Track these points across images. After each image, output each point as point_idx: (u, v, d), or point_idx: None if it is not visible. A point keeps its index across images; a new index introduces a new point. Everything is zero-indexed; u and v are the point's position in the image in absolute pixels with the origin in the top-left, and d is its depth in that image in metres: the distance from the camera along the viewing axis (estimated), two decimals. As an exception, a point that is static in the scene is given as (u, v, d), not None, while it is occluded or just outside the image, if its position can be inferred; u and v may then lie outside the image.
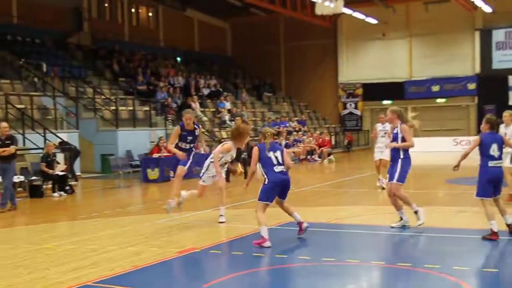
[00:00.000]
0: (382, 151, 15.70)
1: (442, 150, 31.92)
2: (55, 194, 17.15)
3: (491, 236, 9.13)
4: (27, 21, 28.12)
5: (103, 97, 26.16)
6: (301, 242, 9.62)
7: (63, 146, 20.33)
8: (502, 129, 13.05)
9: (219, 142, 27.46)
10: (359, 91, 40.48)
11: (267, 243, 8.87)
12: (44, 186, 17.52)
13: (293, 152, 29.22)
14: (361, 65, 40.32)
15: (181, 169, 11.89)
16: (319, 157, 30.37)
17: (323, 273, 7.69)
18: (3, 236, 11.16)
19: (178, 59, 37.73)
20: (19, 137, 20.12)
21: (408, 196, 10.30)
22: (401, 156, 10.16)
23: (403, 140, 10.16)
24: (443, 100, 38.31)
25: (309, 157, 30.66)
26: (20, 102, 22.24)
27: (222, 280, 7.37)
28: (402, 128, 10.17)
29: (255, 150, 9.33)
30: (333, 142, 34.85)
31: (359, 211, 12.83)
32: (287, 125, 33.19)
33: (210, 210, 13.02)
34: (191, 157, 12.14)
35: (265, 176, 9.19)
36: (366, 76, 39.87)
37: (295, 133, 31.68)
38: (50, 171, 17.34)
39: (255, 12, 37.40)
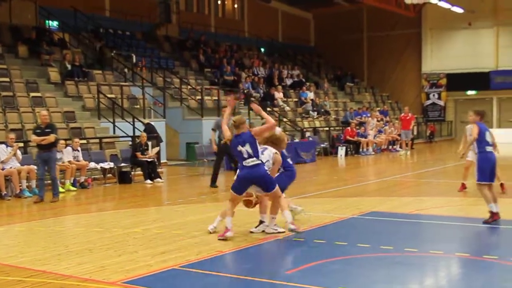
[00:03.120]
0: None
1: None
2: (148, 181, 17.92)
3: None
4: (118, 14, 29.25)
5: (189, 87, 26.99)
6: (383, 233, 9.68)
7: (149, 127, 20.97)
8: None
9: (301, 131, 27.94)
10: (443, 81, 39.88)
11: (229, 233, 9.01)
12: (132, 173, 18.39)
13: (375, 143, 29.31)
14: (446, 55, 39.68)
15: None
16: (401, 147, 30.00)
17: (406, 263, 7.67)
18: (94, 220, 11.62)
19: (262, 49, 38.27)
20: (110, 126, 21.21)
21: None
22: None
23: None
24: (530, 90, 37.36)
25: (390, 147, 30.65)
26: (111, 92, 23.23)
27: (304, 267, 7.44)
28: None
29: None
30: (415, 133, 34.50)
31: (442, 202, 12.86)
32: (369, 115, 33.21)
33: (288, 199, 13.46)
34: None
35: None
36: (450, 66, 39.21)
37: (377, 123, 31.67)
38: (144, 157, 18.17)
39: (338, 2, 37.43)
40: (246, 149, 9.00)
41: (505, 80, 37.67)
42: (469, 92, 39.29)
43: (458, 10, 36.72)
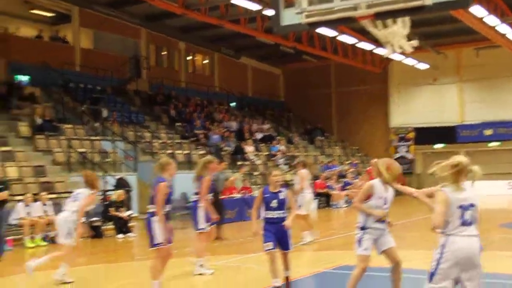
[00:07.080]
0: None
1: (495, 194, 31.55)
2: (120, 236, 17.78)
3: None
4: (89, 69, 29.38)
5: (160, 141, 27.05)
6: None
7: (122, 181, 20.99)
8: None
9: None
10: (411, 135, 40.53)
11: None
12: (103, 227, 18.23)
13: (347, 195, 29.47)
14: (413, 109, 40.41)
15: None
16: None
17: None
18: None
19: (232, 104, 38.61)
20: (80, 180, 21.01)
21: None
22: None
23: None
24: (496, 143, 38.06)
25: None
26: (82, 146, 23.22)
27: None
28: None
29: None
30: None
31: (412, 256, 12.93)
32: (338, 168, 33.52)
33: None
34: None
35: None
36: (417, 120, 39.91)
37: (348, 175, 31.92)
38: (120, 215, 18.09)
39: (307, 59, 38.05)
40: None
41: (470, 134, 38.41)
42: (437, 146, 39.91)
43: (423, 66, 37.59)
